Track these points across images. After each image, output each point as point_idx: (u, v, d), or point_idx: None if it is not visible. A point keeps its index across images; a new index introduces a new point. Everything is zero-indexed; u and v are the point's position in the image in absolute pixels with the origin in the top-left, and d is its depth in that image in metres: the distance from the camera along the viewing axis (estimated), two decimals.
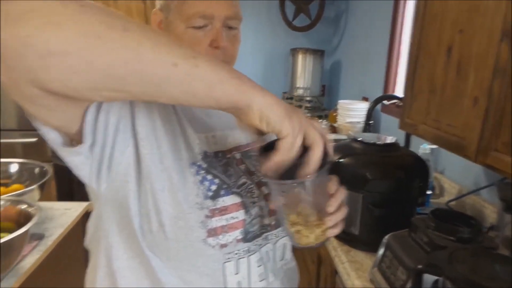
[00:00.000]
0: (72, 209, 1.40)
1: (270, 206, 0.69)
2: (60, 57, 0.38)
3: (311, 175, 0.49)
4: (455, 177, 1.57)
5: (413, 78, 1.28)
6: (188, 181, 0.62)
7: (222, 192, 0.64)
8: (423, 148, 1.56)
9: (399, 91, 2.24)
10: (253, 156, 0.73)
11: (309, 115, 2.85)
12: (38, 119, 0.50)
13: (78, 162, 0.57)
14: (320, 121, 2.35)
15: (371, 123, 1.85)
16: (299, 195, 0.55)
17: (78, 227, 1.41)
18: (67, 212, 1.38)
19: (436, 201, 1.53)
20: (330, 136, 0.54)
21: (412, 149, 1.59)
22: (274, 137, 0.49)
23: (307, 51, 3.02)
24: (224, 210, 0.63)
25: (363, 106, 2.37)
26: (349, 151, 1.21)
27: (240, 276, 0.65)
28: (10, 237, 0.90)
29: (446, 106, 1.07)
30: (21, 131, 2.51)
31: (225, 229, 0.63)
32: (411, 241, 0.96)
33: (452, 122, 1.04)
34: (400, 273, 0.89)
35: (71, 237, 1.33)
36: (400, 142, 1.31)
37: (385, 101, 2.12)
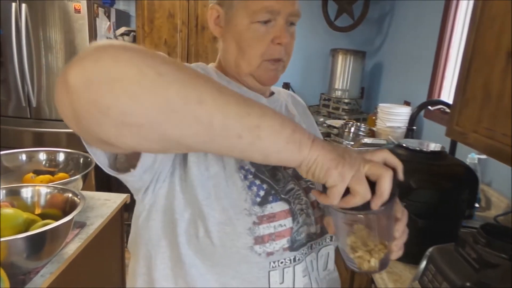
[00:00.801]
0: (111, 200, 1.44)
1: (316, 214, 0.68)
2: (134, 128, 0.40)
3: (378, 207, 0.49)
4: (504, 189, 1.48)
5: (465, 83, 1.21)
6: (236, 187, 0.61)
7: (270, 198, 0.63)
8: (471, 157, 1.47)
9: (444, 97, 2.15)
10: None
11: (346, 117, 2.80)
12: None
13: (127, 179, 0.58)
14: (358, 124, 2.29)
15: (414, 129, 1.78)
16: (364, 222, 0.53)
17: (117, 217, 1.45)
18: (107, 202, 1.42)
19: (481, 215, 1.45)
20: (398, 162, 0.53)
21: (457, 157, 1.51)
22: None
23: (347, 51, 2.96)
24: (272, 217, 0.62)
25: (405, 110, 2.29)
26: None
27: (284, 285, 0.64)
28: (56, 224, 0.94)
29: (502, 114, 1.01)
30: None
31: (272, 237, 0.62)
32: (457, 256, 0.91)
33: (508, 132, 0.98)
34: None
35: (110, 227, 1.37)
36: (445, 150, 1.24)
37: (429, 107, 2.04)
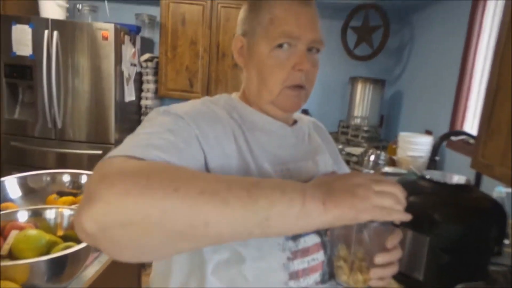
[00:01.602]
0: None
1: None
2: (149, 255, 0.49)
3: (370, 224, 0.52)
4: None
5: (490, 116, 1.19)
6: None
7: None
8: (498, 191, 1.43)
9: (467, 127, 2.11)
10: None
11: (365, 145, 2.77)
12: None
13: None
14: (378, 152, 2.26)
15: (437, 159, 1.74)
16: (357, 236, 0.56)
17: None
18: None
19: (510, 251, 1.38)
20: (400, 191, 0.53)
21: (483, 190, 1.46)
22: None
23: (367, 80, 2.97)
24: (305, 251, 0.61)
25: (426, 140, 2.26)
26: (415, 188, 1.14)
27: None
28: (78, 247, 0.94)
29: None
30: (89, 143, 2.68)
31: (306, 272, 0.61)
32: None
33: None
34: None
35: None
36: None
37: (452, 137, 2.00)
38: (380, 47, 3.04)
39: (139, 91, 3.10)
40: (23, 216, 1.11)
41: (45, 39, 2.52)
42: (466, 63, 2.09)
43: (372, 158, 2.23)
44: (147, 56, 3.04)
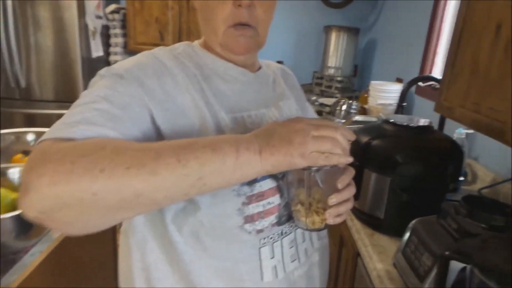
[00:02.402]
0: None
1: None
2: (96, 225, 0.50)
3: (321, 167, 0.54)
4: (489, 164, 1.50)
5: (454, 57, 1.20)
6: None
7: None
8: (459, 132, 1.48)
9: (437, 73, 2.14)
10: None
11: (338, 96, 2.79)
12: None
13: None
14: (350, 101, 2.28)
15: (404, 105, 1.78)
16: (311, 179, 0.58)
17: None
18: None
19: (467, 188, 1.47)
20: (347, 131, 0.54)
21: (446, 133, 1.52)
22: None
23: (341, 29, 2.92)
24: (261, 196, 0.62)
25: (396, 87, 2.28)
26: (379, 132, 1.17)
27: (275, 260, 0.65)
28: None
29: (489, 88, 1.01)
30: (57, 102, 2.60)
31: (261, 215, 0.62)
32: (439, 227, 0.93)
33: (494, 105, 0.98)
34: (425, 259, 0.87)
35: None
36: (434, 125, 1.25)
37: (420, 83, 2.03)
38: None
39: (107, 45, 2.97)
40: None
41: None
42: (437, 8, 2.07)
43: (344, 107, 2.25)
44: (113, 7, 2.88)
